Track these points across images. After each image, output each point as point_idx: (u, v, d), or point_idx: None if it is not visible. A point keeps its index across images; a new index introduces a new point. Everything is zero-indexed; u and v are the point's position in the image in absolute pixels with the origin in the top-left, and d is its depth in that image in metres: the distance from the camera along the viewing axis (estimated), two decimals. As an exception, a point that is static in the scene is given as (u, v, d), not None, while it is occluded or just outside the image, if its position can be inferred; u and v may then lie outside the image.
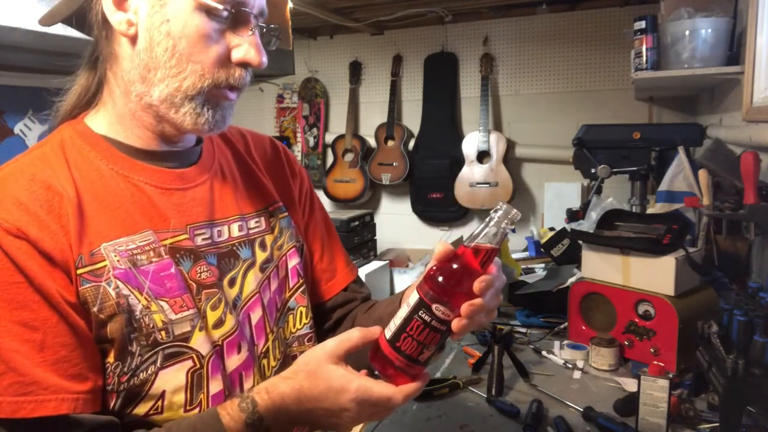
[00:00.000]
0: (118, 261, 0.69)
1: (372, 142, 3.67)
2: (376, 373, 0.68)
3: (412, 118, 3.62)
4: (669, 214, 1.62)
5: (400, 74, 3.62)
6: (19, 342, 0.63)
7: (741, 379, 0.89)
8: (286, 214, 0.90)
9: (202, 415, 0.70)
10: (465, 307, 0.63)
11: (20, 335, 0.63)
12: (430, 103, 3.54)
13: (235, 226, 0.82)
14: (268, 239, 0.86)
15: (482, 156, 3.31)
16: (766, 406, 0.88)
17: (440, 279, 0.64)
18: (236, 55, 0.72)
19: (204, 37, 0.69)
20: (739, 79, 1.74)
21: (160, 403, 0.71)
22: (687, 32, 1.83)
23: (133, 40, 0.71)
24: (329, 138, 3.81)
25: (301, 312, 0.88)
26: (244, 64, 0.73)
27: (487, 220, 0.65)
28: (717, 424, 1.03)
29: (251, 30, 0.72)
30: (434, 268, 0.65)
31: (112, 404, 0.69)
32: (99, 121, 0.77)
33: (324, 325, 0.96)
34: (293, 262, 0.88)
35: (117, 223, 0.71)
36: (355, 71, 3.70)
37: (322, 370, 0.66)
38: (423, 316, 0.64)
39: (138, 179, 0.75)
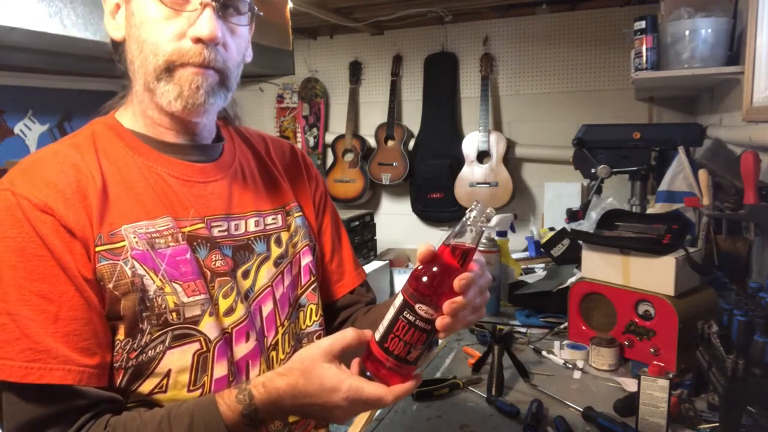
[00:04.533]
0: (136, 242, 0.73)
1: (372, 142, 3.67)
2: (368, 374, 0.69)
3: (412, 118, 3.63)
4: (669, 214, 1.62)
5: (400, 74, 3.62)
6: (35, 312, 0.67)
7: (741, 379, 0.89)
8: (301, 213, 0.94)
9: (200, 401, 0.72)
10: (446, 305, 0.64)
11: (37, 305, 0.67)
12: (430, 103, 3.54)
13: (251, 221, 0.86)
14: (284, 236, 0.90)
15: (482, 156, 3.32)
16: (766, 406, 0.88)
17: (421, 279, 0.65)
18: (190, 32, 0.75)
19: (155, 20, 0.74)
20: (739, 79, 1.74)
21: (165, 381, 0.74)
22: (687, 32, 1.83)
23: (125, 42, 0.78)
24: (329, 138, 3.81)
25: (311, 309, 0.92)
26: (197, 41, 0.75)
27: (464, 219, 0.66)
28: (717, 424, 1.03)
29: (197, 6, 0.74)
30: (416, 269, 0.67)
31: (118, 381, 0.72)
32: (127, 116, 0.82)
33: (332, 324, 0.99)
34: (306, 260, 0.92)
35: (139, 207, 0.75)
36: (355, 71, 3.70)
37: (316, 369, 0.69)
38: (407, 316, 0.65)
39: (161, 170, 0.79)
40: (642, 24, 1.94)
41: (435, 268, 0.65)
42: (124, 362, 0.72)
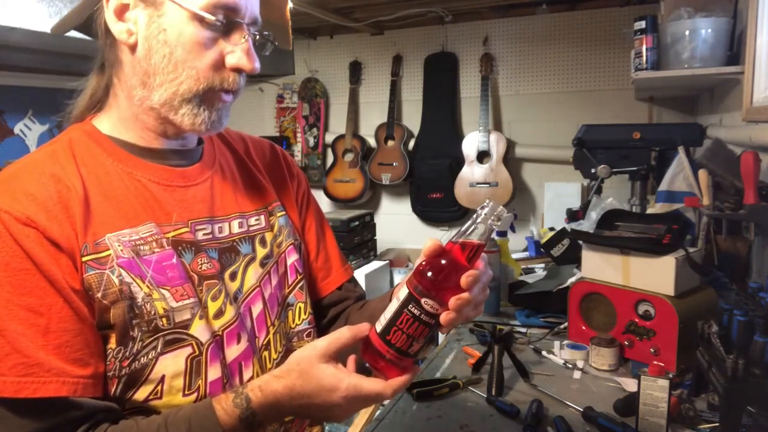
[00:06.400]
0: (121, 250, 0.73)
1: (372, 142, 3.67)
2: (366, 365, 0.70)
3: (412, 118, 3.63)
4: (669, 214, 1.62)
5: (400, 74, 3.62)
6: (24, 326, 0.66)
7: (741, 379, 0.89)
8: (284, 212, 0.94)
9: (197, 406, 0.71)
10: (453, 301, 0.65)
11: (26, 319, 0.66)
12: (430, 103, 3.54)
13: (235, 223, 0.86)
14: (268, 236, 0.90)
15: (482, 156, 3.32)
16: (766, 406, 0.88)
17: (429, 274, 0.66)
18: (229, 61, 0.76)
19: (198, 44, 0.73)
20: (739, 79, 1.74)
21: (159, 387, 0.73)
22: (687, 32, 1.83)
23: (133, 48, 0.75)
24: (329, 138, 3.81)
25: (300, 308, 0.92)
26: (237, 70, 0.76)
27: (474, 216, 0.67)
28: (717, 424, 1.03)
29: (243, 38, 0.76)
30: (423, 263, 0.67)
31: (113, 390, 0.72)
32: (105, 122, 0.81)
33: (321, 322, 0.99)
34: (292, 258, 0.92)
35: (121, 215, 0.75)
36: (355, 71, 3.70)
37: (313, 369, 0.69)
38: (412, 310, 0.66)
39: (141, 176, 0.78)
40: (642, 24, 1.93)
41: (443, 263, 0.66)
42: (117, 371, 0.71)
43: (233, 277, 0.83)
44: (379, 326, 0.68)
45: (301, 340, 0.91)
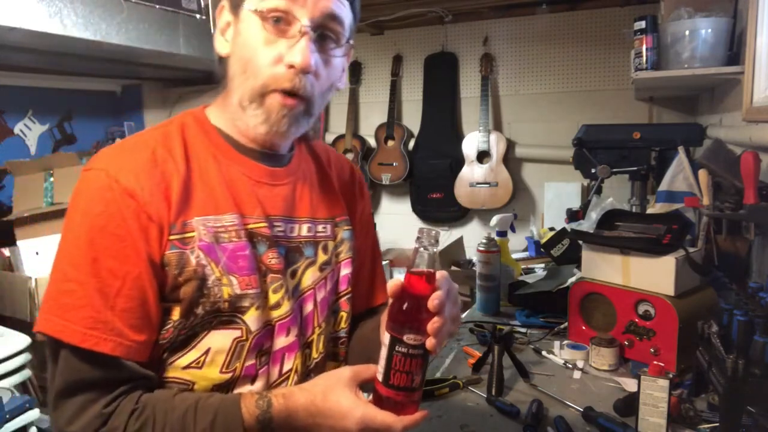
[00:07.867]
0: (204, 234, 0.78)
1: (372, 142, 3.67)
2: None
3: (412, 118, 3.62)
4: (669, 214, 1.62)
5: (400, 74, 3.62)
6: (102, 284, 0.73)
7: (741, 379, 0.89)
8: (350, 227, 0.99)
9: (225, 399, 0.76)
10: (430, 327, 0.70)
11: (104, 279, 0.73)
12: (430, 103, 3.54)
13: (305, 227, 0.92)
14: (330, 245, 0.95)
15: (482, 156, 3.32)
16: (766, 406, 0.88)
17: (400, 312, 0.72)
18: (285, 58, 0.78)
19: (258, 42, 0.78)
20: (739, 79, 1.74)
21: (203, 358, 0.79)
22: (687, 32, 1.83)
23: (229, 58, 0.83)
24: (329, 138, 3.80)
25: (342, 317, 0.97)
26: (290, 66, 0.78)
27: (415, 247, 0.72)
28: (717, 424, 1.03)
29: (298, 33, 0.78)
30: (392, 305, 0.73)
31: (161, 353, 0.78)
32: (216, 114, 0.88)
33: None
34: (346, 270, 0.97)
35: (211, 201, 0.81)
36: (355, 71, 3.70)
37: (335, 391, 0.73)
38: (400, 349, 0.71)
39: (236, 169, 0.85)
40: (642, 24, 1.94)
41: (408, 299, 0.72)
42: (175, 338, 0.78)
43: (293, 275, 0.89)
44: (380, 375, 0.73)
45: (336, 346, 0.97)
